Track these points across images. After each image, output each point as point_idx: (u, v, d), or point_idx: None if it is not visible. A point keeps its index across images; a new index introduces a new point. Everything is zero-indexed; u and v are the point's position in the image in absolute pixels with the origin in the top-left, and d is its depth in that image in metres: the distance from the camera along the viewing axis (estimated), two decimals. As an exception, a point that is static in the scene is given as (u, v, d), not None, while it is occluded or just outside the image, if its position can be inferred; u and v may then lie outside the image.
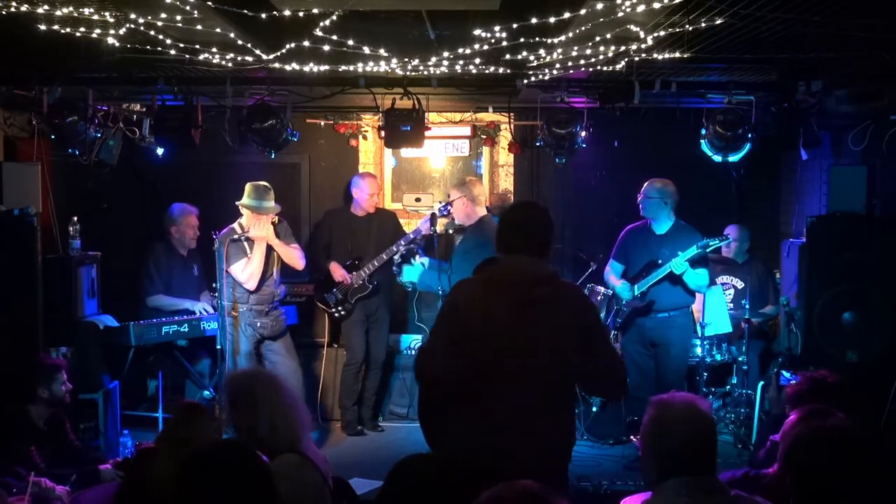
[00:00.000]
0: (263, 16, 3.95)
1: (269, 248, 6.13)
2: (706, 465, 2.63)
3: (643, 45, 4.54)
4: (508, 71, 5.32)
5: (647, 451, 2.67)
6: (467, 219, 6.16)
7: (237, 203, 6.09)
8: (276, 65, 4.87)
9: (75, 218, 6.30)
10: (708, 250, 6.01)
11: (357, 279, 6.74)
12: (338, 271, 6.73)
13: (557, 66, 5.08)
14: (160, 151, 6.45)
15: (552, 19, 4.01)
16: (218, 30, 4.27)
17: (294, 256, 6.25)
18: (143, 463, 3.58)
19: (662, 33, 4.32)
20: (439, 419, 3.45)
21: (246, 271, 6.00)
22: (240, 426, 3.41)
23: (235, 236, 6.01)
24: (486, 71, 5.19)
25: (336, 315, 6.84)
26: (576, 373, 3.39)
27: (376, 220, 6.93)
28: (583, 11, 3.94)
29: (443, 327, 3.50)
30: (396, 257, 6.66)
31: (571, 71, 5.26)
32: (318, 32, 4.12)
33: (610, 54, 4.71)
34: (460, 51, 4.72)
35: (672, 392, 2.82)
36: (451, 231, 7.40)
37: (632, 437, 6.07)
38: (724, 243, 6.25)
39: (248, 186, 6.10)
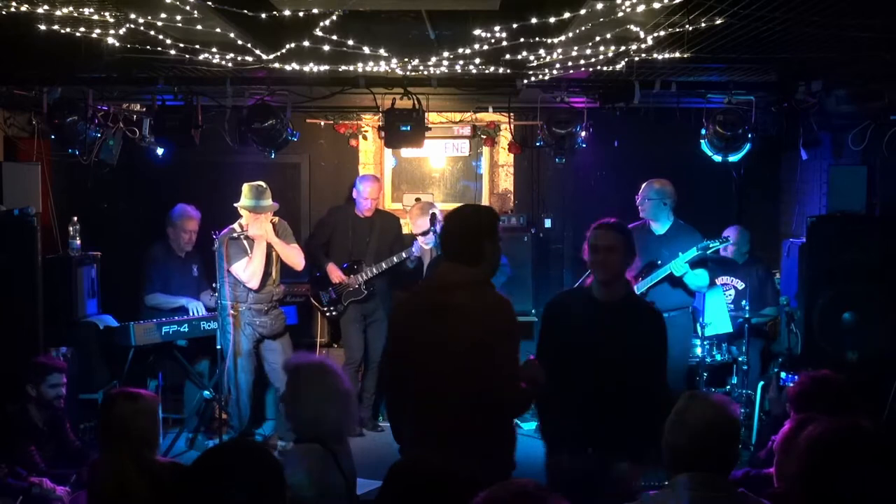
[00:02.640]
0: (263, 16, 3.95)
1: (269, 248, 6.13)
2: (718, 464, 2.64)
3: (643, 45, 4.54)
4: (508, 71, 5.32)
5: (666, 440, 2.70)
6: None
7: (235, 205, 6.10)
8: (276, 65, 4.87)
9: (75, 218, 6.30)
10: (708, 252, 6.00)
11: (353, 283, 6.76)
12: (335, 273, 6.75)
13: (557, 66, 5.08)
14: (160, 151, 6.45)
15: (552, 19, 4.01)
16: (218, 30, 4.27)
17: (293, 256, 6.26)
18: (91, 471, 3.61)
19: (662, 33, 4.31)
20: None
21: (248, 270, 6.02)
22: (286, 412, 3.40)
23: (235, 235, 6.02)
24: (486, 71, 5.19)
25: (327, 314, 6.87)
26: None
27: (378, 222, 6.94)
28: (583, 11, 3.94)
29: None
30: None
31: (571, 71, 5.26)
32: (318, 32, 4.11)
33: (610, 54, 4.70)
34: (460, 51, 4.72)
35: (706, 390, 2.83)
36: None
37: None
38: (723, 245, 6.25)
39: (244, 187, 6.11)
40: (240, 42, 4.50)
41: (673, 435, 2.68)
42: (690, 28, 4.14)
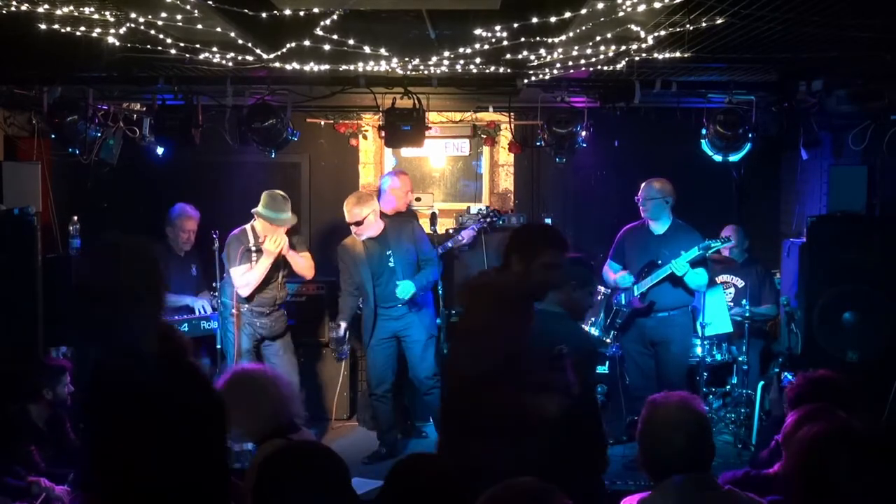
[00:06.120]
0: (264, 15, 3.95)
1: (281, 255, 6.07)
2: (700, 463, 2.65)
3: (643, 45, 4.54)
4: (509, 71, 5.31)
5: (641, 451, 2.70)
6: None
7: (253, 211, 6.02)
8: (277, 64, 4.87)
9: (75, 218, 6.29)
10: (709, 252, 6.01)
11: None
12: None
13: (558, 65, 5.08)
14: (160, 151, 6.44)
15: (552, 19, 4.02)
16: (218, 29, 4.27)
17: (304, 268, 6.19)
18: None
19: (663, 33, 4.32)
20: None
21: (245, 277, 5.93)
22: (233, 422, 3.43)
23: (250, 246, 5.94)
24: (487, 70, 5.19)
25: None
26: None
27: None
28: (583, 11, 3.94)
29: None
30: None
31: (572, 71, 5.26)
32: (319, 32, 4.12)
33: (610, 54, 4.71)
34: (461, 50, 4.72)
35: (666, 392, 2.83)
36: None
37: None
38: (725, 245, 6.26)
39: (264, 196, 5.97)
40: (240, 41, 4.50)
41: (648, 444, 2.68)
42: (691, 28, 4.14)
